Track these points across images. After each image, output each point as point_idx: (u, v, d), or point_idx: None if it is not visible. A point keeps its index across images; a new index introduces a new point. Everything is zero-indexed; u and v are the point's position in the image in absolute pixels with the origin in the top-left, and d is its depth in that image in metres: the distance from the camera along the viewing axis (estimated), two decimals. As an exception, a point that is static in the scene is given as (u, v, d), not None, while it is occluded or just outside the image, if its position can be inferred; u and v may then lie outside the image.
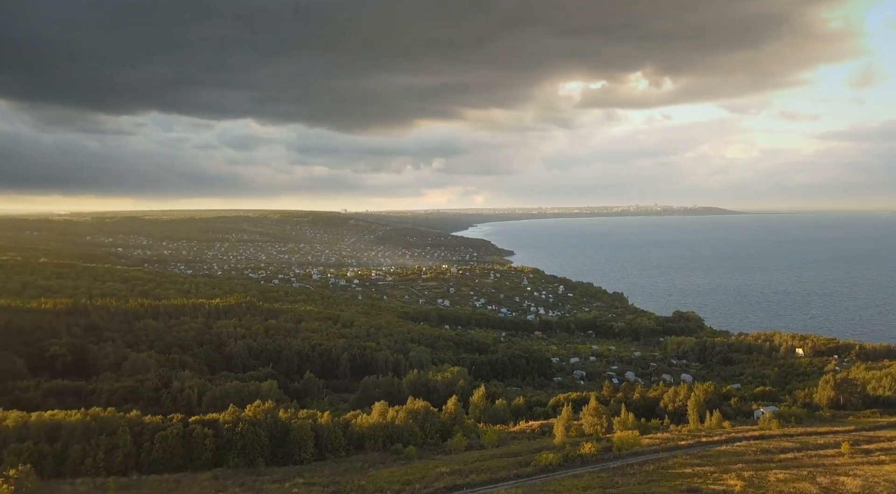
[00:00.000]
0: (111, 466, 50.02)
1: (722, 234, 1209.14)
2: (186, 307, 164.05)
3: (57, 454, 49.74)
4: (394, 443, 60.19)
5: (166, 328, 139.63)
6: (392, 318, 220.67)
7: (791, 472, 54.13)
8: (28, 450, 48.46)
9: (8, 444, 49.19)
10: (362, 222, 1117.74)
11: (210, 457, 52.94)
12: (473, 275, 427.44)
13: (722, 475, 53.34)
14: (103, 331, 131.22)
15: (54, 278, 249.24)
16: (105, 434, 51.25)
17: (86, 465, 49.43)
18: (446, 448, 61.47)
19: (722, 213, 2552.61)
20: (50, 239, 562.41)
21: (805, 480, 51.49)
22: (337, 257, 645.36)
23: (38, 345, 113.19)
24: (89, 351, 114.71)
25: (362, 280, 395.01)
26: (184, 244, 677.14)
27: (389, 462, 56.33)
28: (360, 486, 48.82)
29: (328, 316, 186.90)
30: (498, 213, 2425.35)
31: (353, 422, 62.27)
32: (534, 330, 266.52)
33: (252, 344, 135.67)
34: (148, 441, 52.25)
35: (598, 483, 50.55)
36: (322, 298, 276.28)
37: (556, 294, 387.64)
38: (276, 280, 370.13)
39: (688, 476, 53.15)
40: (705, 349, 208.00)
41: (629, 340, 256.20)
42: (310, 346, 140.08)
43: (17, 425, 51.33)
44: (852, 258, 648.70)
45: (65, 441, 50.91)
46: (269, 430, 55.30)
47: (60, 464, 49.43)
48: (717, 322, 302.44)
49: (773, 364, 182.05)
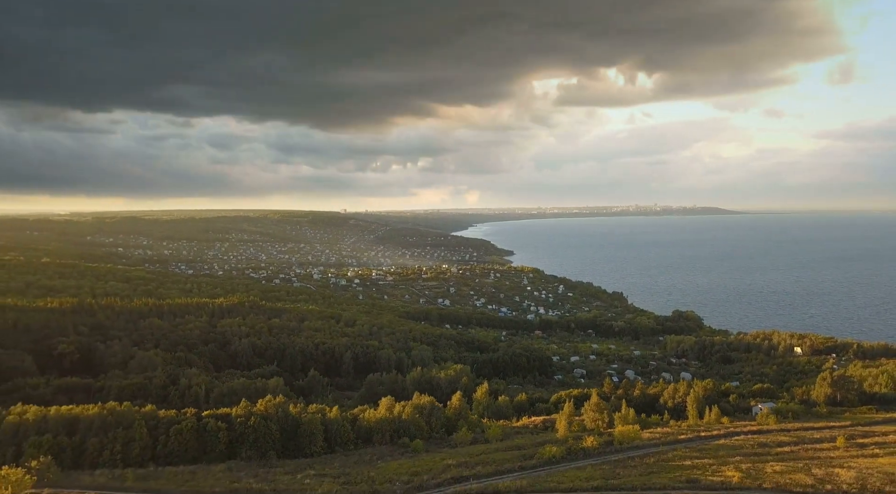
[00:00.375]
0: (128, 458, 51.61)
1: (721, 234, 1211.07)
2: (190, 307, 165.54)
3: (75, 446, 51.28)
4: (401, 437, 61.78)
5: (171, 327, 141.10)
6: (393, 317, 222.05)
7: (787, 464, 55.72)
8: (48, 443, 49.96)
9: (28, 437, 50.75)
10: (362, 222, 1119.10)
11: (223, 450, 54.53)
12: (473, 275, 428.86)
13: (720, 467, 54.92)
14: (109, 330, 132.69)
15: (57, 277, 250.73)
16: (121, 428, 52.80)
17: (103, 457, 51.00)
18: (452, 441, 63.02)
19: (721, 213, 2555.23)
20: (50, 239, 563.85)
21: (801, 472, 53.06)
22: (337, 257, 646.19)
23: (46, 343, 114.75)
24: (96, 349, 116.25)
25: (363, 280, 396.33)
26: (184, 244, 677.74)
27: (397, 455, 57.90)
28: (369, 477, 50.38)
29: (330, 315, 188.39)
30: (497, 213, 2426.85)
31: (360, 417, 63.86)
32: (534, 329, 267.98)
33: (256, 343, 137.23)
34: (163, 434, 53.84)
35: (600, 475, 52.09)
36: (323, 297, 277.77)
37: (556, 294, 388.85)
38: (278, 280, 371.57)
39: (687, 467, 54.71)
40: (704, 347, 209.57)
41: (629, 339, 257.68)
42: (313, 344, 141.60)
43: (37, 418, 52.90)
44: (851, 258, 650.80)
45: (83, 434, 52.48)
46: (280, 424, 56.87)
47: (79, 456, 50.98)
48: (717, 322, 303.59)
49: (771, 363, 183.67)
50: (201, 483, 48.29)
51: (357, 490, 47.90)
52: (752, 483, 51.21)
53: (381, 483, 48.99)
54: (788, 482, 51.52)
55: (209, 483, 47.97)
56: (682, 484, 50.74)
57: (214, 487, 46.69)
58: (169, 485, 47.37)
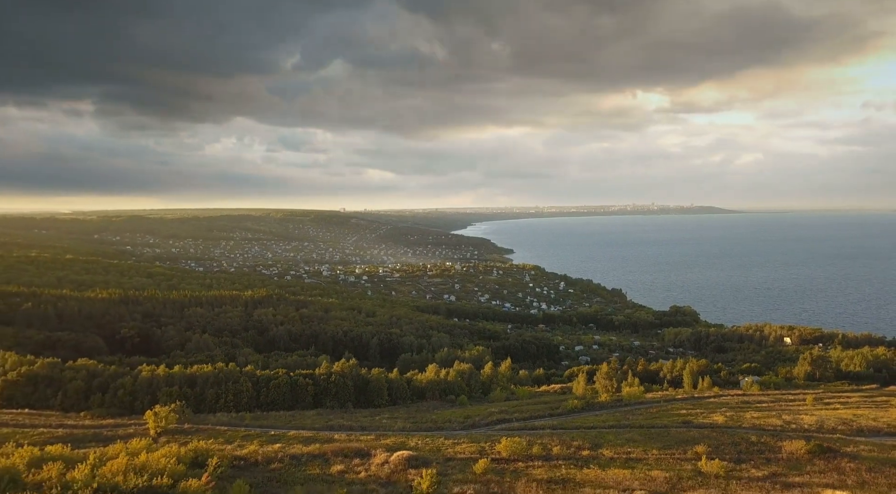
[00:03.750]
0: (239, 405, 64.45)
1: (719, 233, 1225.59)
2: (226, 298, 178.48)
3: (196, 396, 64.10)
4: (447, 394, 74.93)
5: (214, 316, 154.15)
6: (408, 310, 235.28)
7: (762, 413, 69.39)
8: (176, 393, 62.70)
9: (160, 387, 63.72)
10: (363, 221, 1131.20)
11: (311, 401, 67.48)
12: (477, 272, 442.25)
13: (710, 414, 68.56)
14: (159, 317, 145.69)
15: (84, 273, 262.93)
16: (231, 382, 65.78)
17: (219, 404, 63.85)
18: (489, 398, 76.15)
19: (718, 212, 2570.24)
20: (60, 237, 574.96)
21: (772, 417, 66.67)
22: (341, 255, 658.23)
23: (110, 328, 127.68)
24: (154, 333, 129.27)
25: (371, 277, 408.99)
26: (190, 243, 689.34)
27: (447, 407, 71.07)
28: (431, 419, 63.75)
29: (351, 307, 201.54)
30: (495, 212, 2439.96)
31: (414, 378, 77.10)
32: (538, 323, 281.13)
33: (292, 329, 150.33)
34: (263, 387, 66.85)
35: (614, 419, 65.68)
36: (336, 292, 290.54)
37: (558, 290, 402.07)
38: (289, 276, 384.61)
39: (683, 415, 68.30)
40: (700, 338, 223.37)
41: (628, 332, 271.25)
42: (342, 331, 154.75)
43: (165, 374, 65.91)
44: (846, 256, 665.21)
45: (201, 386, 65.39)
46: (354, 381, 69.95)
47: (200, 404, 63.76)
48: (713, 316, 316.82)
49: (762, 351, 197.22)
50: (301, 421, 61.51)
51: (424, 426, 61.35)
52: (734, 424, 64.78)
53: (442, 422, 62.35)
54: (762, 423, 65.03)
55: (307, 421, 61.17)
56: (678, 424, 64.27)
57: (314, 423, 60.02)
58: (277, 422, 60.62)
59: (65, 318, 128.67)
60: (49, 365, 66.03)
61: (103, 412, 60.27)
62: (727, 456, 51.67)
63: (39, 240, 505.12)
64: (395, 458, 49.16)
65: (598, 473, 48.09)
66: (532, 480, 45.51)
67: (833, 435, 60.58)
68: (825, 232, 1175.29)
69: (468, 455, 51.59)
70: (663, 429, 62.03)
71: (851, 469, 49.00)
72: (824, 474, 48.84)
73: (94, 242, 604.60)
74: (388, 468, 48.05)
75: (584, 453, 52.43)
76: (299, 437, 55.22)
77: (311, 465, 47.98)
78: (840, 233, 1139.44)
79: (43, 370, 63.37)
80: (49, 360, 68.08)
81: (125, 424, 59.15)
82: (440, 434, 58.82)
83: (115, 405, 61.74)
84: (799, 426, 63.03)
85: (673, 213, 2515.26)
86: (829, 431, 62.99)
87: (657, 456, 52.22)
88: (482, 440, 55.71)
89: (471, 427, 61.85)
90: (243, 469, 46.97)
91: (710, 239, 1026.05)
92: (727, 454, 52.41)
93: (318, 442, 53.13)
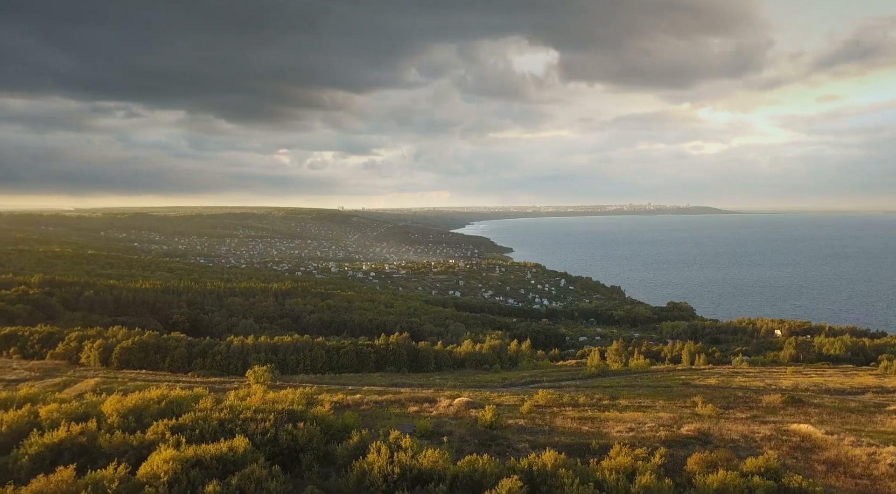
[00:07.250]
0: (315, 368, 77.53)
1: (714, 232, 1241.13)
2: (257, 289, 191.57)
3: (279, 361, 77.12)
4: (482, 364, 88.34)
5: (250, 305, 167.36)
6: (420, 303, 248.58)
7: (748, 378, 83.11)
8: (263, 358, 75.61)
9: (250, 354, 76.88)
10: (364, 220, 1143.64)
11: (373, 366, 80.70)
12: (480, 269, 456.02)
13: (705, 379, 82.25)
14: (202, 305, 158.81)
15: (109, 267, 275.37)
16: (307, 350, 79.03)
17: (299, 368, 76.93)
18: (518, 368, 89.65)
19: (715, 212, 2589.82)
20: (68, 234, 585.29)
21: (756, 381, 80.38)
22: (344, 252, 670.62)
23: (162, 314, 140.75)
24: (202, 319, 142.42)
25: (378, 273, 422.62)
26: (195, 240, 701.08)
27: (485, 373, 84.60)
28: (475, 380, 77.32)
29: (369, 299, 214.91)
30: (493, 211, 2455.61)
31: (454, 350, 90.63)
32: (541, 318, 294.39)
33: (322, 317, 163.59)
34: (334, 354, 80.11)
35: (626, 381, 79.30)
36: (350, 287, 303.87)
37: (559, 287, 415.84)
38: (300, 272, 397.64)
39: (683, 379, 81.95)
40: (696, 330, 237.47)
41: (628, 326, 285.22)
42: (367, 320, 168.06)
43: (253, 343, 79.20)
44: (840, 255, 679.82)
45: (282, 354, 78.55)
46: (407, 351, 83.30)
47: (283, 367, 76.81)
48: (708, 312, 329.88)
49: (753, 341, 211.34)
50: (370, 380, 74.83)
51: (471, 384, 74.98)
52: (725, 385, 78.43)
53: (485, 381, 75.98)
54: (748, 384, 78.71)
55: (375, 380, 74.52)
56: (680, 384, 78.07)
57: (380, 381, 73.54)
58: (350, 381, 73.95)
59: (121, 305, 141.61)
60: (154, 336, 79.26)
61: (206, 372, 73.35)
62: (718, 405, 65.72)
63: (48, 237, 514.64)
64: (458, 402, 62.86)
65: (617, 414, 62.09)
66: (567, 417, 59.26)
67: (805, 393, 74.52)
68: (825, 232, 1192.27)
69: (512, 402, 65.57)
70: (667, 388, 75.79)
71: (815, 413, 62.86)
72: (794, 416, 62.94)
73: (101, 238, 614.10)
74: (453, 408, 61.81)
75: (605, 402, 66.24)
76: (373, 390, 68.83)
77: (391, 407, 61.67)
78: (837, 233, 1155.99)
79: (151, 339, 76.44)
80: (151, 332, 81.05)
81: (230, 380, 72.37)
82: (485, 390, 72.53)
83: (214, 368, 74.71)
84: (777, 387, 76.81)
85: (669, 213, 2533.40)
86: (803, 390, 76.88)
87: (663, 404, 66.08)
88: (521, 393, 69.59)
89: (509, 386, 75.52)
90: (341, 408, 60.76)
91: (708, 239, 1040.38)
92: (719, 402, 66.43)
93: (389, 394, 66.97)
